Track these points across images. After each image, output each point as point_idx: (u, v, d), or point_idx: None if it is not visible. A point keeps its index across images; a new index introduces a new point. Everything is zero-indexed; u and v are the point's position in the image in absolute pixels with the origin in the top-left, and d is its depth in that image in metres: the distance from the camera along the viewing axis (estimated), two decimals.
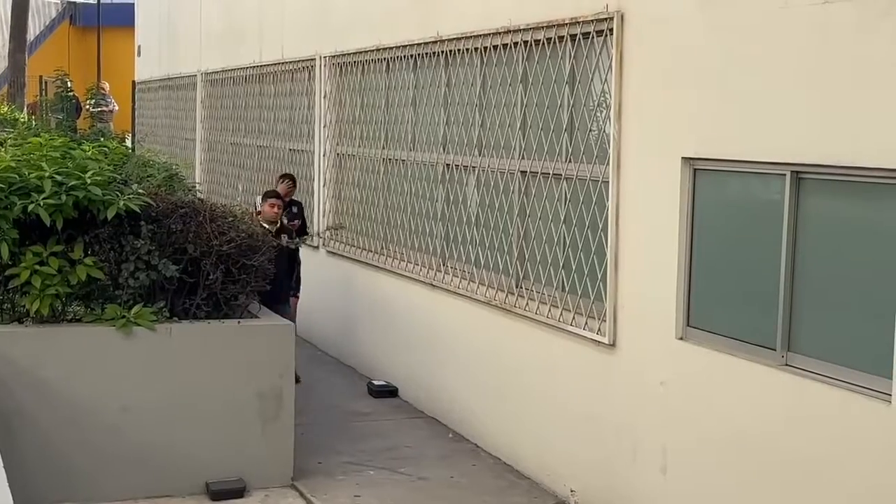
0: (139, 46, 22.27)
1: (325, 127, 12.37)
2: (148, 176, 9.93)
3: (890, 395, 5.12)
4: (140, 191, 7.97)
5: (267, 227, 9.38)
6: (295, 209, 11.27)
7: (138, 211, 7.71)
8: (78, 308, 7.66)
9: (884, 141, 5.14)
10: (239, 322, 7.95)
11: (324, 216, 12.36)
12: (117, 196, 7.67)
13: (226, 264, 7.97)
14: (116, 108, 23.17)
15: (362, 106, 11.54)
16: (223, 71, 16.29)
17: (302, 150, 13.26)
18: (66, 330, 7.54)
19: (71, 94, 20.31)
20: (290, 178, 11.50)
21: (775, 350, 5.93)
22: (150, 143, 18.69)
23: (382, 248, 10.97)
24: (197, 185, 12.39)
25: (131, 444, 7.54)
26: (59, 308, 7.58)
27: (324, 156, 12.41)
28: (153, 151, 14.76)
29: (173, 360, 7.64)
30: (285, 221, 10.40)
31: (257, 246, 8.18)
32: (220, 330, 7.83)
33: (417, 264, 10.13)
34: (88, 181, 7.57)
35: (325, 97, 12.33)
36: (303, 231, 11.26)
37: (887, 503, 5.11)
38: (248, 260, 8.11)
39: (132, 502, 7.48)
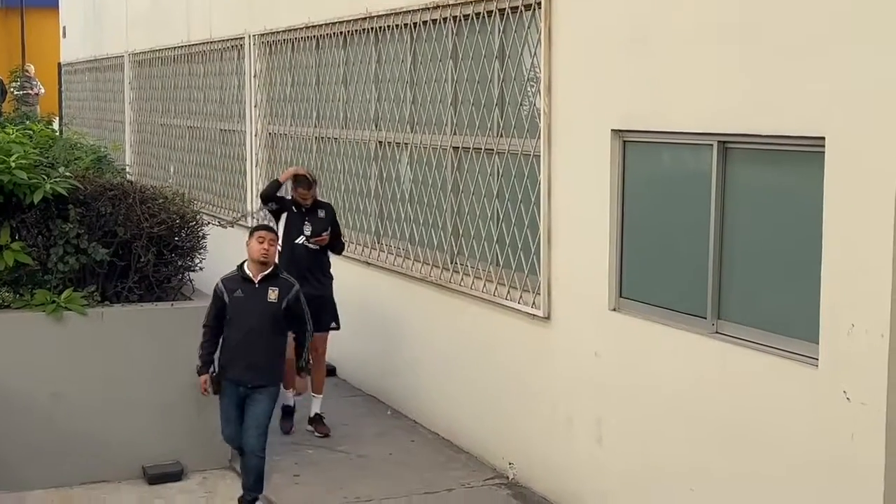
0: (64, 27, 21.86)
1: (255, 106, 12.25)
2: (76, 159, 9.78)
3: (817, 359, 5.22)
4: (67, 174, 7.85)
5: (251, 273, 7.01)
6: (322, 213, 8.64)
7: (66, 194, 7.60)
8: (6, 294, 7.52)
9: (806, 110, 5.22)
10: (172, 304, 7.88)
11: (257, 196, 12.25)
12: (44, 180, 7.55)
13: (157, 246, 7.89)
14: (42, 90, 22.73)
15: (293, 84, 11.45)
16: (151, 51, 16.06)
17: (233, 131, 13.13)
18: None
19: None
20: (303, 180, 8.64)
21: (706, 318, 6.01)
22: (77, 126, 18.36)
23: None
24: (127, 168, 12.22)
25: (64, 430, 7.44)
26: None
27: (255, 136, 12.30)
28: (81, 134, 14.52)
29: (105, 344, 7.55)
30: (307, 233, 8.46)
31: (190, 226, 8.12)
32: (153, 313, 7.75)
33: (352, 242, 10.09)
34: (13, 165, 7.43)
35: (255, 76, 12.21)
36: (337, 244, 8.76)
37: (816, 464, 5.22)
38: (180, 241, 8.04)
39: (67, 489, 7.40)
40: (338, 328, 8.61)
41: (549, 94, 7.14)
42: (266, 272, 6.96)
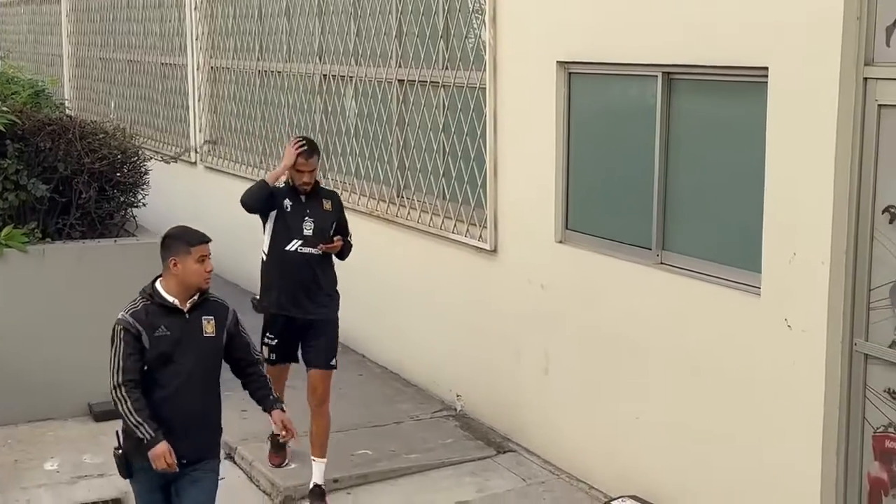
0: None
1: (196, 39, 12.04)
2: (13, 93, 9.55)
3: (759, 288, 5.29)
4: (5, 108, 7.68)
5: (175, 300, 4.74)
6: (328, 203, 6.41)
7: (3, 130, 7.44)
8: None
9: (749, 41, 5.22)
10: (115, 241, 7.79)
11: (200, 131, 12.10)
12: None
13: (99, 182, 7.77)
14: None
15: (235, 16, 11.26)
16: None
17: (174, 65, 12.91)
18: None
19: None
20: (306, 147, 6.32)
21: (651, 249, 6.06)
22: (14, 60, 17.93)
23: (261, 162, 10.81)
24: (66, 102, 11.96)
25: (8, 368, 7.37)
26: None
27: (197, 69, 12.10)
28: (17, 68, 14.18)
29: (48, 281, 7.46)
30: (308, 232, 6.29)
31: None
32: (95, 249, 7.67)
33: None
34: None
35: (195, 8, 11.98)
36: (345, 247, 6.54)
37: (759, 391, 5.32)
38: (122, 177, 7.93)
39: (13, 427, 7.35)
40: (336, 367, 6.45)
41: (494, 25, 7.08)
42: (195, 296, 4.80)
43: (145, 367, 4.65)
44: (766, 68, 5.12)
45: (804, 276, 5.01)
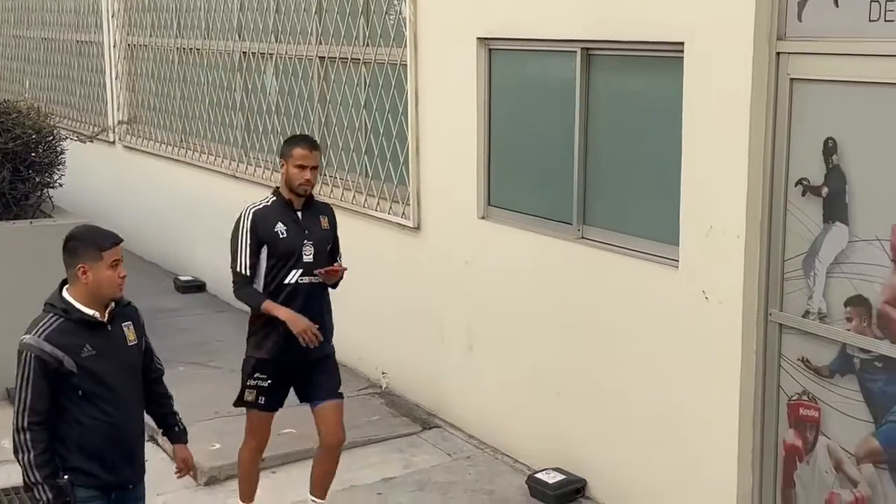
0: None
1: (113, 16, 11.82)
2: None
3: (677, 260, 5.37)
4: None
5: (93, 310, 4.09)
6: (324, 219, 5.46)
7: None
8: None
9: (665, 16, 5.27)
10: (31, 223, 7.64)
11: (118, 110, 11.89)
12: None
13: (13, 163, 7.61)
14: None
15: None
16: None
17: (90, 42, 12.66)
18: None
19: None
20: (304, 140, 5.47)
21: (572, 224, 6.11)
22: None
23: (181, 140, 10.67)
24: None
25: None
26: None
27: (114, 47, 11.89)
28: None
29: None
30: (308, 258, 5.31)
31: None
32: (11, 231, 7.50)
33: (218, 156, 9.92)
34: None
35: None
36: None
37: (678, 362, 5.40)
38: (37, 157, 7.77)
39: None
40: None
41: (415, 1, 7.06)
42: (111, 304, 4.17)
43: (79, 393, 4.00)
44: (682, 43, 5.18)
45: (720, 248, 5.09)
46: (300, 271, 5.29)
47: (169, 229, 10.97)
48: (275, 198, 5.37)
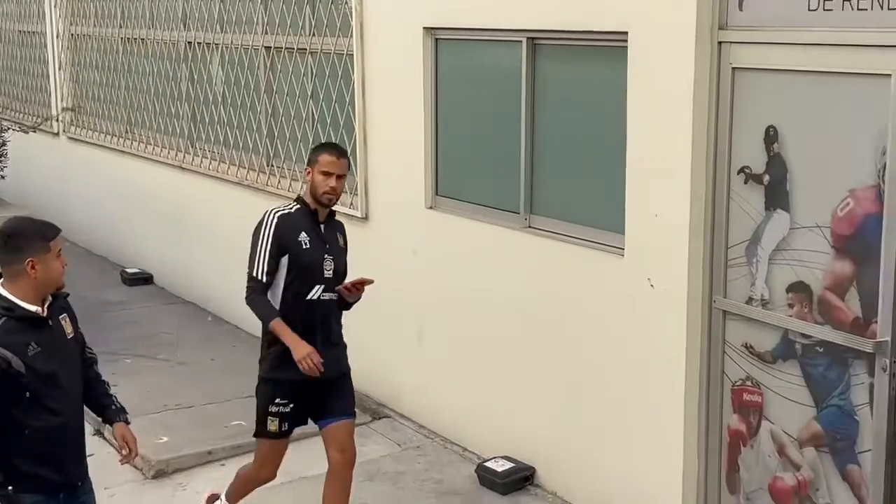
0: None
1: (55, 6, 11.65)
2: None
3: (623, 248, 5.41)
4: None
5: (32, 305, 3.94)
6: (340, 238, 5.31)
7: None
8: None
9: (610, 5, 5.31)
10: None
11: (62, 101, 11.74)
12: None
13: None
14: None
15: None
16: None
17: (33, 32, 12.48)
18: None
19: None
20: (331, 147, 5.26)
21: (519, 213, 6.13)
22: None
23: (126, 131, 10.56)
24: None
25: None
26: None
27: (57, 37, 11.73)
28: None
29: None
30: (328, 273, 5.11)
31: None
32: None
33: (164, 147, 9.83)
34: None
35: None
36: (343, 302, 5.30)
37: (624, 349, 5.45)
38: None
39: None
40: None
41: None
42: (48, 298, 4.02)
43: (27, 394, 3.82)
44: (626, 33, 5.21)
45: (665, 236, 5.14)
46: (322, 287, 5.04)
47: (115, 221, 10.86)
48: (298, 205, 5.08)
